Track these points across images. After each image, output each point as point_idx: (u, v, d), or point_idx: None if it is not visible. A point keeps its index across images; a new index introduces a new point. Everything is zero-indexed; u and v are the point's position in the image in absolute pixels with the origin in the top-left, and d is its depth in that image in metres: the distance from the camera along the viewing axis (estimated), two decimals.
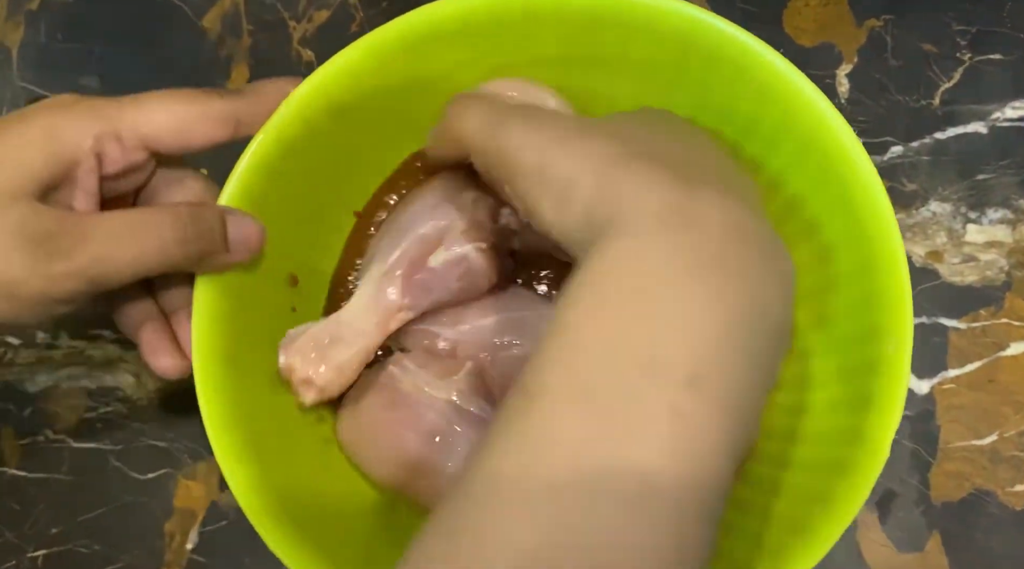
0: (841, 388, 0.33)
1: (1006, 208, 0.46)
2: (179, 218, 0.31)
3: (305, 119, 0.34)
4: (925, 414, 0.43)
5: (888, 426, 0.31)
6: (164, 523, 0.44)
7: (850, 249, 0.33)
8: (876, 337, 0.32)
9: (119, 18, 0.51)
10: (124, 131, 0.32)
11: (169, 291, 0.36)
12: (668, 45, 0.34)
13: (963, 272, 0.45)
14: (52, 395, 0.45)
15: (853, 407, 0.32)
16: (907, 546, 0.42)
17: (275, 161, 0.34)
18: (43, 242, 0.29)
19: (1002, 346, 0.44)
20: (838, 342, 0.34)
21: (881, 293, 0.32)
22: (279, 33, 0.50)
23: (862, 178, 0.33)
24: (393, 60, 0.35)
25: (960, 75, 0.48)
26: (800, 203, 0.35)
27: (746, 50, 0.34)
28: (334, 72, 0.34)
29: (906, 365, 0.31)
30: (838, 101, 0.47)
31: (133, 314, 0.36)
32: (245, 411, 0.33)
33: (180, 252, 0.31)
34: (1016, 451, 0.43)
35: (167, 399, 0.45)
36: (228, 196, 0.33)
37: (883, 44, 0.48)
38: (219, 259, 0.33)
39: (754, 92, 0.34)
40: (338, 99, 0.35)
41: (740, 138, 0.36)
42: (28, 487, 0.44)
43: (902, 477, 0.43)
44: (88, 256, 0.30)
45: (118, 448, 0.45)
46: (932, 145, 0.47)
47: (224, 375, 0.33)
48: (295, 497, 0.33)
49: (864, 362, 0.32)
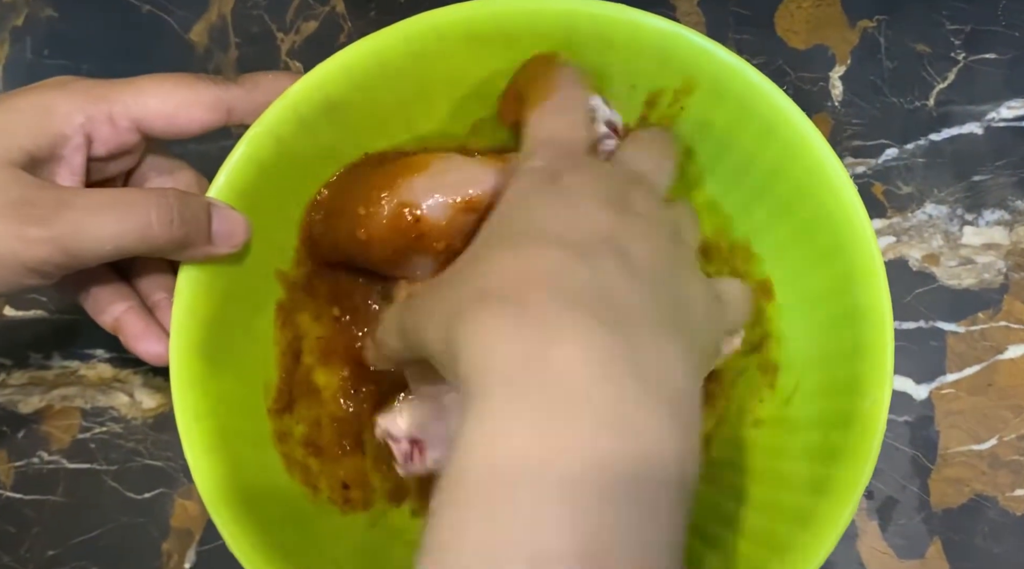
0: (817, 434, 0.33)
1: (1003, 209, 0.45)
2: (166, 200, 0.31)
3: (299, 115, 0.34)
4: (924, 420, 0.43)
5: (858, 479, 0.31)
6: (161, 543, 0.43)
7: (836, 297, 0.34)
8: (856, 389, 0.32)
9: (105, 33, 0.50)
10: (116, 112, 0.32)
11: (151, 277, 0.36)
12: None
13: (960, 275, 0.45)
14: (45, 416, 0.45)
15: (825, 456, 0.32)
16: (908, 553, 0.42)
17: (267, 156, 0.34)
18: (20, 206, 0.29)
19: (1000, 349, 0.44)
20: (821, 388, 0.35)
21: (864, 346, 0.32)
22: (267, 45, 0.49)
23: (854, 223, 0.33)
24: (393, 62, 0.35)
25: (955, 75, 0.47)
26: (785, 247, 0.36)
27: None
28: (332, 70, 0.34)
29: (882, 420, 0.31)
30: (831, 104, 0.47)
31: (103, 297, 0.35)
32: (217, 405, 0.33)
33: (164, 235, 0.31)
34: (1016, 455, 0.43)
35: (161, 419, 0.45)
36: (218, 188, 0.33)
37: (876, 45, 0.48)
38: (201, 250, 0.32)
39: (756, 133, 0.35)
40: (334, 97, 0.34)
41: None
42: (24, 509, 0.44)
43: (902, 483, 0.43)
44: (66, 224, 0.29)
45: (113, 468, 0.44)
46: (927, 147, 0.46)
47: (200, 368, 0.33)
48: (261, 496, 0.33)
49: (842, 412, 0.33)
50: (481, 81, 0.37)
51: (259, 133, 0.34)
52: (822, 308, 0.35)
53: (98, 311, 0.36)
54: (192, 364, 0.32)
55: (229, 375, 0.34)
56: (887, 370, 0.32)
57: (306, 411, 0.38)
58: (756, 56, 0.47)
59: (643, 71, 0.35)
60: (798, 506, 0.32)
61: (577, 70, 0.34)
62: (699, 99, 0.35)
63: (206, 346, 0.33)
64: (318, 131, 0.35)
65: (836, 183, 0.33)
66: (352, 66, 0.34)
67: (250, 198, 0.34)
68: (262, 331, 0.37)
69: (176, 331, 0.32)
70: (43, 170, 0.31)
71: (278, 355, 0.37)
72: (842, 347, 0.33)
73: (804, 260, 0.35)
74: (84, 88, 0.32)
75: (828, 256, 0.34)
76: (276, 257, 0.37)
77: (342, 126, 0.36)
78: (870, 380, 0.32)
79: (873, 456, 0.31)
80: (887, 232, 0.45)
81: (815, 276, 0.35)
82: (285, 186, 0.35)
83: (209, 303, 0.33)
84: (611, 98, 0.36)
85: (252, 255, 0.35)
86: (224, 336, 0.34)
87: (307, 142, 0.35)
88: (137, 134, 0.33)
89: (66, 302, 0.47)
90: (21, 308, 0.47)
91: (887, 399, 0.31)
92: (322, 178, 0.37)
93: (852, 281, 0.33)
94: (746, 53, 0.34)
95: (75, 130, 0.32)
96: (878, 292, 0.32)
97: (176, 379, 0.32)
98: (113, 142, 0.33)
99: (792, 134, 0.34)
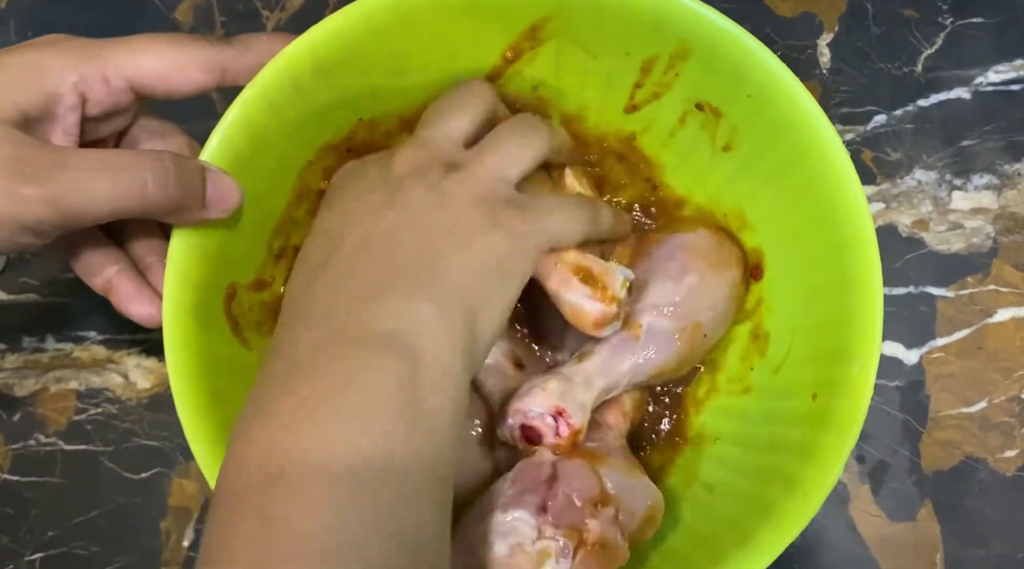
0: (806, 401, 0.34)
1: (991, 174, 0.46)
2: (161, 162, 0.31)
3: (293, 78, 0.34)
4: (915, 384, 0.44)
5: (844, 444, 0.31)
6: (160, 522, 0.44)
7: (827, 265, 0.34)
8: (845, 357, 0.32)
9: (89, 13, 0.50)
10: (111, 71, 0.32)
11: (143, 241, 0.36)
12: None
13: (949, 240, 0.45)
14: (41, 399, 0.45)
15: (813, 422, 0.33)
16: (900, 516, 0.42)
17: (259, 119, 0.34)
18: (15, 165, 0.29)
19: (989, 312, 0.44)
20: (810, 355, 0.35)
21: (853, 314, 0.32)
22: (252, 23, 0.49)
23: (846, 192, 0.33)
24: (385, 27, 0.34)
25: (942, 40, 0.47)
26: (778, 215, 0.36)
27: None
28: (325, 34, 0.34)
29: (869, 386, 0.32)
30: (820, 71, 0.47)
31: (96, 261, 0.36)
32: (210, 366, 0.33)
33: (159, 197, 0.31)
34: (1006, 417, 0.43)
35: (156, 398, 0.45)
36: (210, 152, 0.33)
37: (864, 11, 0.48)
38: (195, 214, 0.32)
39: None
40: (327, 61, 0.34)
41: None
42: (22, 491, 0.44)
43: (893, 447, 0.43)
44: (62, 183, 0.29)
45: (110, 449, 0.45)
46: (915, 113, 0.46)
47: (193, 330, 0.33)
48: None
49: (830, 379, 0.33)
50: (475, 48, 0.37)
51: (252, 95, 0.33)
52: (813, 276, 0.35)
53: (89, 273, 0.36)
54: (185, 326, 0.33)
55: (221, 337, 0.34)
56: (875, 338, 0.32)
57: None
58: (743, 24, 0.47)
59: (637, 38, 0.35)
60: (785, 471, 0.32)
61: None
62: (693, 65, 0.35)
63: (198, 309, 0.33)
64: (311, 95, 0.35)
65: (829, 151, 0.33)
66: (344, 31, 0.34)
67: (242, 162, 0.34)
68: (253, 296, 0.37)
69: (169, 294, 0.32)
70: (37, 129, 0.31)
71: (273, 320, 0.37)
72: (832, 315, 0.33)
73: (796, 228, 0.35)
74: (78, 47, 0.32)
75: (820, 224, 0.34)
76: (267, 223, 0.37)
77: (335, 90, 0.35)
78: (858, 347, 0.32)
79: (859, 422, 0.31)
80: (876, 198, 0.45)
81: (807, 244, 0.35)
82: (277, 150, 0.35)
83: (201, 267, 0.33)
84: (606, 66, 0.36)
85: (244, 220, 0.35)
86: (217, 300, 0.34)
87: (300, 106, 0.35)
88: (131, 94, 0.33)
89: (58, 285, 0.47)
90: (13, 292, 0.47)
91: (875, 366, 0.32)
92: (314, 143, 0.37)
93: (843, 250, 0.33)
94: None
95: (69, 89, 0.32)
96: (869, 261, 0.32)
97: (169, 340, 0.32)
98: (107, 102, 0.33)
99: (786, 101, 0.33)
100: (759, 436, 0.35)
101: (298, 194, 0.37)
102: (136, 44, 0.33)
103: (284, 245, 0.38)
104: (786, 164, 0.35)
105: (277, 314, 0.37)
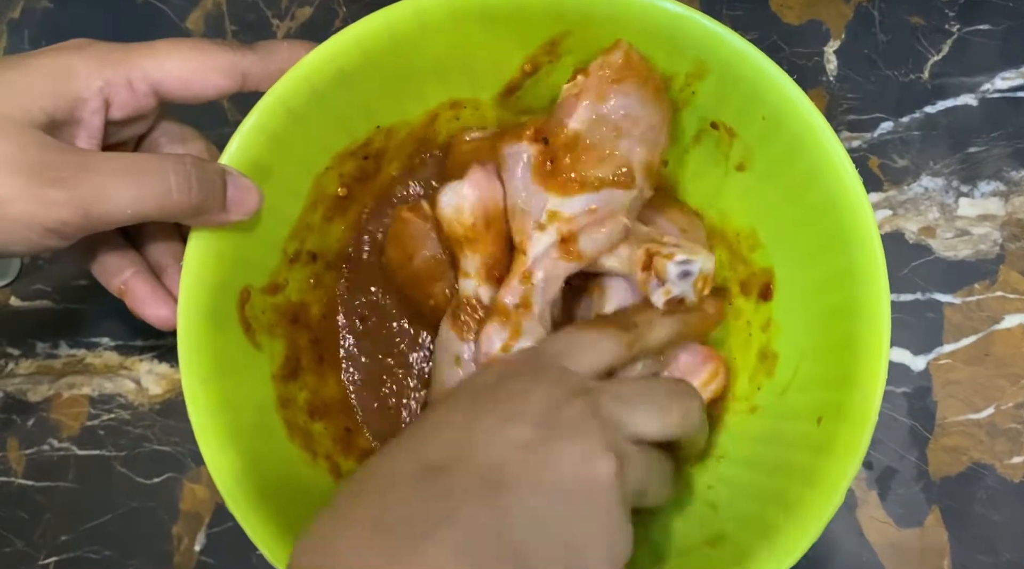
0: (811, 424, 0.34)
1: (998, 180, 0.46)
2: (184, 166, 0.31)
3: (312, 86, 0.34)
4: (922, 390, 0.44)
5: (845, 471, 0.31)
6: (171, 526, 0.44)
7: (836, 289, 0.34)
8: (850, 382, 0.32)
9: (102, 23, 0.51)
10: (135, 76, 0.33)
11: (159, 244, 0.37)
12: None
13: (956, 246, 0.45)
14: (54, 404, 0.46)
15: (817, 447, 0.33)
16: (907, 522, 0.42)
17: (278, 125, 0.34)
18: (41, 168, 0.29)
19: (997, 319, 0.44)
20: (817, 378, 0.35)
21: (860, 340, 0.32)
22: (262, 32, 0.50)
23: (857, 215, 0.33)
24: (405, 37, 0.35)
25: (949, 47, 0.47)
26: (789, 236, 0.36)
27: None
28: (345, 42, 0.34)
29: (873, 413, 0.32)
30: (826, 79, 0.47)
31: (113, 263, 0.36)
32: (223, 370, 0.34)
33: (182, 201, 0.31)
34: (1013, 423, 0.43)
35: (168, 404, 0.45)
36: (229, 156, 0.34)
37: (871, 19, 0.48)
38: (215, 217, 0.33)
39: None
40: (347, 69, 0.35)
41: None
42: (35, 496, 0.45)
43: (901, 453, 0.43)
44: (87, 187, 0.30)
45: (122, 454, 0.45)
46: (922, 119, 0.47)
47: (207, 333, 0.33)
48: (265, 459, 0.34)
49: (835, 403, 0.33)
50: (494, 60, 0.37)
51: (271, 103, 0.34)
52: (821, 299, 0.35)
53: (106, 275, 0.36)
54: (200, 329, 0.33)
55: (234, 339, 0.35)
56: (881, 365, 0.32)
57: (310, 379, 0.39)
58: (750, 32, 0.47)
59: (655, 55, 0.35)
60: (787, 494, 0.32)
61: None
62: (709, 85, 0.35)
63: (214, 312, 0.34)
64: (329, 102, 0.35)
65: (843, 176, 0.33)
66: (364, 39, 0.34)
67: (261, 167, 0.34)
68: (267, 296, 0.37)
69: (184, 296, 0.33)
70: (62, 132, 0.32)
71: (285, 323, 0.38)
72: (838, 339, 0.33)
73: (807, 250, 0.35)
74: (102, 51, 0.32)
75: (830, 248, 0.34)
76: (283, 227, 0.37)
77: (353, 98, 0.36)
78: (863, 374, 0.32)
79: (862, 450, 0.31)
80: (883, 205, 0.46)
81: (816, 267, 0.35)
82: (295, 156, 0.36)
83: (217, 269, 0.34)
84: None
85: (261, 224, 0.35)
86: (231, 303, 0.35)
87: (318, 113, 0.35)
88: (154, 98, 0.34)
89: (71, 291, 0.47)
90: (27, 298, 0.47)
91: (879, 394, 0.32)
92: (331, 150, 0.37)
93: (852, 276, 0.33)
94: (740, 29, 0.34)
95: (94, 93, 0.32)
96: (877, 289, 0.32)
97: (183, 343, 0.33)
98: (131, 106, 0.33)
99: (801, 124, 0.33)
100: (764, 457, 0.35)
101: (314, 200, 0.38)
102: (160, 49, 0.33)
103: (299, 249, 0.38)
104: (799, 187, 0.35)
105: (289, 317, 0.38)
